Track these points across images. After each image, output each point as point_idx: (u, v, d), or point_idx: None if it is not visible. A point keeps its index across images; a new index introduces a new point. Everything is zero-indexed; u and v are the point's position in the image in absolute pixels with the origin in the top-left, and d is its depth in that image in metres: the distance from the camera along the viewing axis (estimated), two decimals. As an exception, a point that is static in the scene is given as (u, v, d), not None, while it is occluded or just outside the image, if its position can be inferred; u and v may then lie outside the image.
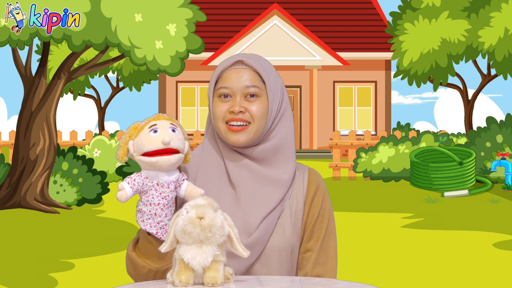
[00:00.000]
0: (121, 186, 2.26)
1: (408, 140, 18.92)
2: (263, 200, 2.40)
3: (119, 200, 2.26)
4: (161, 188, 2.28)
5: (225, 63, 2.44)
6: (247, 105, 2.40)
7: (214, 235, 2.06)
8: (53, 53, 29.23)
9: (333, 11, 31.74)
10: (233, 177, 2.42)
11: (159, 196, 2.28)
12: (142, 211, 2.30)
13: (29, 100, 14.03)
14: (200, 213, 2.07)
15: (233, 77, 2.41)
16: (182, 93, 31.51)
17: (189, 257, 2.06)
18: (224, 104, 2.41)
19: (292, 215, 2.46)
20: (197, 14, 13.65)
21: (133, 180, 2.27)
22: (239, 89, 2.40)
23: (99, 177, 14.76)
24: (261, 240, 2.38)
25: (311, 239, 2.48)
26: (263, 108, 2.41)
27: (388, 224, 12.51)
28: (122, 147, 2.31)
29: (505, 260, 9.44)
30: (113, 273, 8.52)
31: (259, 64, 2.44)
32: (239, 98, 2.40)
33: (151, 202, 2.28)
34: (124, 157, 2.30)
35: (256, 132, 2.41)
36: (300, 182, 2.49)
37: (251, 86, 2.41)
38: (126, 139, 2.31)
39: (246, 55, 2.45)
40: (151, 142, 2.25)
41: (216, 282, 2.08)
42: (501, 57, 21.88)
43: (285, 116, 2.47)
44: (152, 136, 2.26)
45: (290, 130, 2.47)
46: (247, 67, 2.43)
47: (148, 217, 2.29)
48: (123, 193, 2.25)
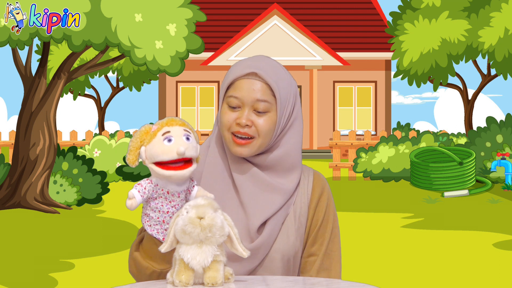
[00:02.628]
0: (131, 195, 2.19)
1: (408, 140, 18.92)
2: (266, 205, 2.38)
3: (129, 208, 2.19)
4: (171, 197, 2.23)
5: (239, 70, 2.39)
6: (254, 119, 2.36)
7: (214, 235, 2.06)
8: (53, 53, 29.23)
9: (333, 11, 31.75)
10: (237, 181, 2.40)
11: (169, 204, 2.23)
12: (150, 216, 2.25)
13: (29, 100, 14.02)
14: (200, 213, 2.06)
15: (244, 88, 2.37)
16: (182, 93, 31.50)
17: (189, 257, 2.06)
18: (232, 114, 2.38)
19: (296, 219, 2.44)
20: (197, 14, 13.65)
21: (143, 188, 2.20)
22: (249, 102, 2.36)
23: (99, 177, 14.76)
24: (265, 245, 2.37)
25: (315, 243, 2.47)
26: (270, 124, 2.37)
27: (388, 224, 12.51)
28: (133, 152, 2.23)
29: (505, 260, 9.44)
30: (113, 273, 8.52)
31: (273, 77, 2.39)
32: (247, 111, 2.36)
33: (159, 210, 2.23)
34: (135, 162, 2.23)
35: (260, 147, 2.38)
36: (305, 186, 2.47)
37: (262, 100, 2.36)
38: (137, 143, 2.23)
39: (261, 66, 2.40)
40: (165, 152, 2.18)
41: (216, 282, 2.07)
42: (501, 57, 21.87)
43: (294, 126, 2.44)
44: (166, 146, 2.18)
45: (297, 140, 2.44)
46: (261, 79, 2.38)
47: (155, 223, 2.25)
48: (133, 202, 2.18)
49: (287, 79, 2.44)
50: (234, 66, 2.42)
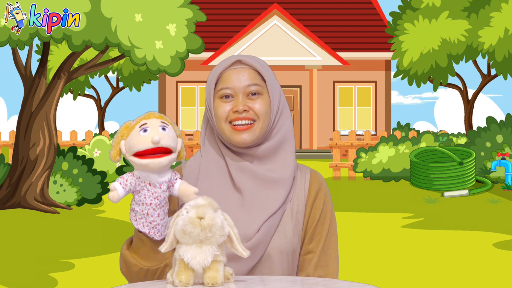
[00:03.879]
0: (113, 187, 2.26)
1: (408, 140, 18.92)
2: (267, 203, 2.39)
3: (111, 200, 2.25)
4: (153, 189, 2.27)
5: (223, 64, 2.44)
6: (250, 104, 2.40)
7: (214, 235, 2.06)
8: (53, 53, 29.22)
9: (333, 11, 31.74)
10: (238, 181, 2.40)
11: (151, 196, 2.27)
12: (135, 211, 2.30)
13: (29, 100, 14.02)
14: (200, 213, 2.06)
15: (233, 77, 2.41)
16: (182, 93, 31.51)
17: (189, 257, 2.06)
18: (227, 105, 2.41)
19: (294, 216, 2.44)
20: (197, 14, 13.65)
21: (125, 181, 2.27)
22: (241, 89, 2.40)
23: (99, 177, 14.76)
24: (262, 242, 2.37)
25: (312, 241, 2.47)
26: (266, 106, 2.41)
27: (388, 224, 12.51)
28: (114, 147, 2.29)
29: (505, 260, 9.44)
30: (113, 273, 8.52)
31: (258, 63, 2.44)
32: (242, 97, 2.40)
33: (143, 202, 2.27)
34: (116, 157, 2.29)
35: (261, 130, 2.40)
36: (302, 183, 2.48)
37: (253, 84, 2.41)
38: (118, 138, 2.29)
39: (243, 55, 2.45)
40: (140, 142, 2.23)
41: (216, 282, 2.08)
42: (501, 57, 21.87)
43: (284, 113, 2.48)
44: (142, 136, 2.23)
45: (289, 126, 2.48)
46: (247, 66, 2.43)
47: (140, 216, 2.29)
48: (115, 193, 2.25)
49: (266, 65, 2.49)
50: (217, 65, 2.48)
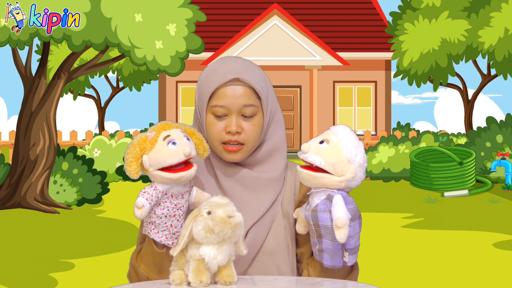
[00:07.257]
0: (141, 204, 2.13)
1: (408, 140, 18.92)
2: (255, 206, 2.35)
3: (138, 218, 2.15)
4: (176, 200, 2.19)
5: (219, 78, 2.32)
6: (243, 124, 2.32)
7: (240, 233, 2.06)
8: (53, 53, 29.22)
9: (333, 11, 31.74)
10: (225, 187, 2.37)
11: (175, 207, 2.20)
12: (156, 224, 2.20)
13: (29, 100, 14.02)
14: (229, 211, 2.04)
15: (228, 95, 2.31)
16: (182, 93, 31.51)
17: (211, 257, 2.04)
18: (220, 123, 2.32)
19: (285, 216, 2.41)
20: (197, 14, 13.65)
21: (150, 196, 2.15)
22: (235, 109, 2.31)
23: (99, 177, 14.76)
24: (252, 246, 2.34)
25: (306, 243, 2.44)
26: (259, 127, 2.34)
27: (388, 224, 12.51)
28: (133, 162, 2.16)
29: (505, 260, 9.44)
30: (113, 273, 8.52)
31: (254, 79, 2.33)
32: (235, 118, 2.32)
33: (166, 215, 2.19)
34: (138, 172, 2.16)
35: (251, 150, 2.35)
36: (292, 182, 2.44)
37: (249, 105, 2.31)
38: (137, 153, 2.17)
39: (239, 69, 2.33)
40: (172, 156, 2.14)
41: (233, 280, 2.07)
42: (501, 57, 21.87)
43: (275, 118, 2.41)
44: (171, 149, 2.15)
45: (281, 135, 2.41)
46: (243, 83, 2.32)
47: (163, 229, 2.20)
48: (143, 211, 2.14)
49: (261, 74, 2.38)
50: (211, 73, 2.34)
